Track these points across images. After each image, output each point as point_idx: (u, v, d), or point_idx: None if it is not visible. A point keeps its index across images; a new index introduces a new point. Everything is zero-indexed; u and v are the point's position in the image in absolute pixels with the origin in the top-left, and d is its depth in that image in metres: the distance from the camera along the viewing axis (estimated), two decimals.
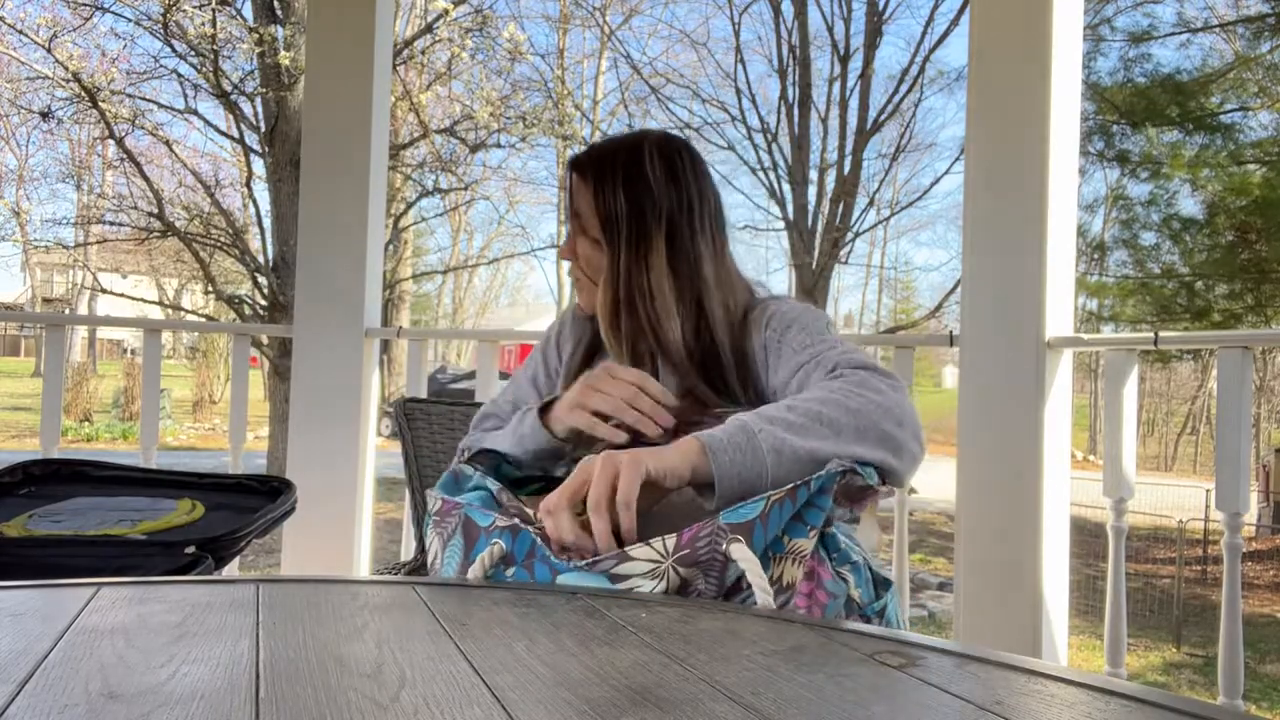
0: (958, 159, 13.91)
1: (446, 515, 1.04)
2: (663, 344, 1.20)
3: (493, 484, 1.07)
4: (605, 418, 1.08)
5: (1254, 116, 8.95)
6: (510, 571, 0.94)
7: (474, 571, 0.93)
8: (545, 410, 1.17)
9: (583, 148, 1.33)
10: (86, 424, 18.76)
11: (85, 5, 9.53)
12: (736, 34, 13.30)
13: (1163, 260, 8.99)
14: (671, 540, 0.88)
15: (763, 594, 0.86)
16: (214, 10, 8.51)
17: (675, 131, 1.46)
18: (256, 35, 8.63)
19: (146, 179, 9.55)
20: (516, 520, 0.97)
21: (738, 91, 13.24)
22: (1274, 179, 8.23)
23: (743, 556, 0.86)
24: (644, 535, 0.91)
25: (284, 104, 8.63)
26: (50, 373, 2.64)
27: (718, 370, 1.19)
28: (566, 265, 1.32)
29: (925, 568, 10.23)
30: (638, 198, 1.22)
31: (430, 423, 1.68)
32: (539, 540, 0.93)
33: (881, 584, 0.99)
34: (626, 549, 0.89)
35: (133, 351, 27.94)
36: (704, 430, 0.97)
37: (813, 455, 0.96)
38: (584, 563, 0.90)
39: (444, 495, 1.07)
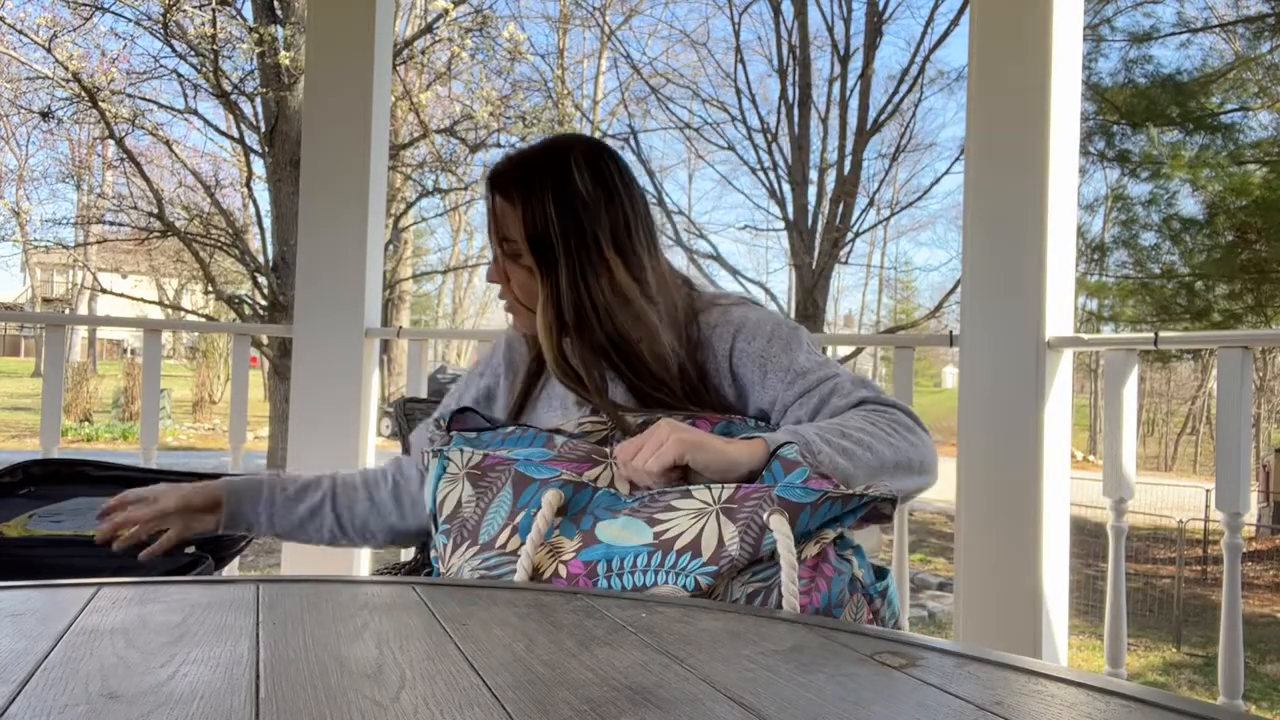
0: (958, 159, 13.91)
1: (488, 470, 1.04)
2: (631, 359, 1.15)
3: (559, 436, 1.08)
4: None
5: (1254, 116, 8.95)
6: (558, 521, 0.98)
7: (540, 517, 0.96)
8: None
9: (499, 160, 1.24)
10: (86, 424, 18.76)
11: (85, 5, 9.53)
12: (736, 34, 13.30)
13: (1163, 260, 8.99)
14: (729, 491, 0.94)
15: (789, 568, 0.89)
16: (214, 10, 8.51)
17: (601, 137, 1.44)
18: (256, 35, 8.63)
19: (146, 179, 9.55)
20: (583, 472, 1.01)
21: (738, 91, 13.25)
22: (1274, 179, 8.23)
23: (780, 529, 0.90)
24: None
25: (284, 104, 8.63)
26: (50, 373, 2.64)
27: (674, 376, 1.17)
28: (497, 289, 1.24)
29: (925, 568, 10.23)
30: (573, 213, 1.15)
31: None
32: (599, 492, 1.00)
33: (880, 572, 1.03)
34: (689, 487, 0.96)
35: (133, 351, 27.94)
36: (769, 433, 1.03)
37: (856, 481, 1.01)
38: (634, 499, 0.97)
39: (488, 450, 1.06)
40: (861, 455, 1.03)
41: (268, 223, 9.47)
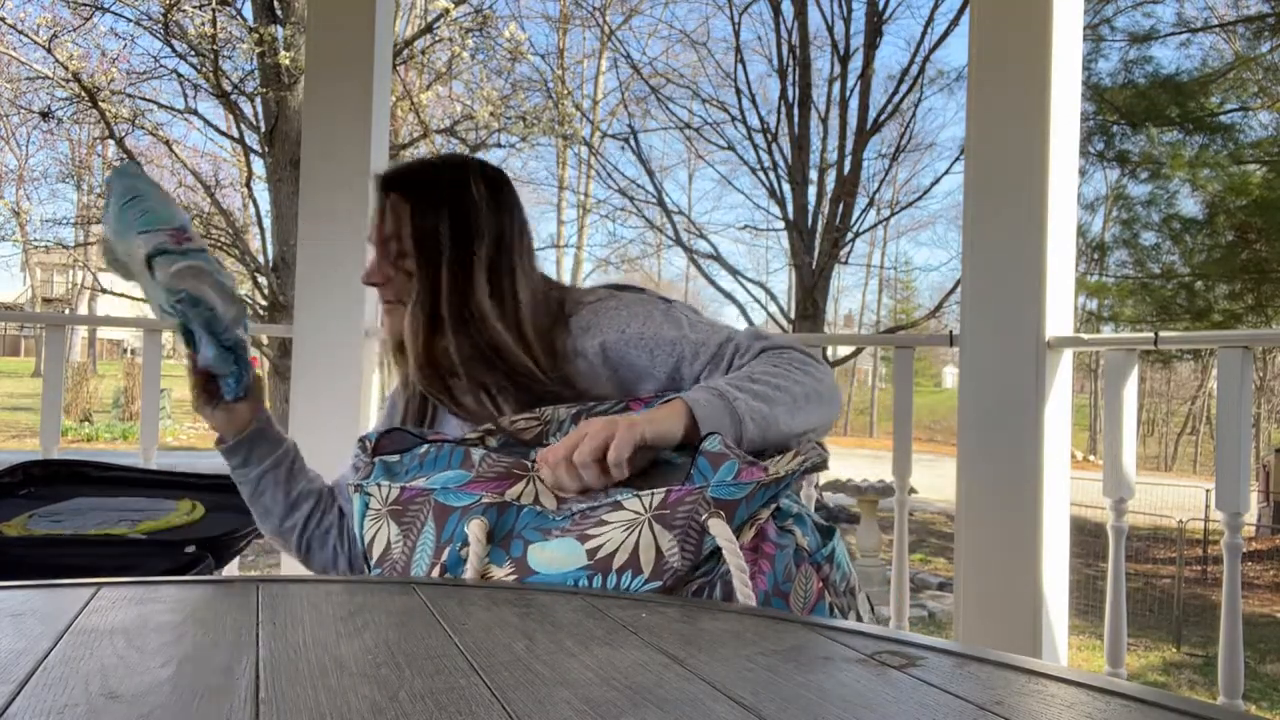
0: (958, 159, 13.91)
1: (409, 504, 1.00)
2: (510, 362, 1.16)
3: (475, 451, 1.03)
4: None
5: (1254, 116, 8.95)
6: (488, 549, 0.94)
7: (472, 544, 0.93)
8: None
9: (392, 165, 1.27)
10: (86, 424, 18.76)
11: (85, 5, 9.53)
12: (736, 34, 13.29)
13: (1163, 260, 8.99)
14: (659, 496, 0.91)
15: (739, 571, 0.88)
16: (214, 10, 8.52)
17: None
18: (256, 35, 8.64)
19: None
20: (503, 491, 0.96)
21: (738, 91, 13.24)
22: (1274, 179, 8.23)
23: (720, 533, 0.88)
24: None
25: (284, 104, 8.63)
26: (50, 373, 2.64)
27: (551, 381, 1.17)
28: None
29: (925, 568, 10.23)
30: (464, 219, 1.18)
31: None
32: (522, 511, 0.95)
33: (825, 532, 1.02)
34: (619, 498, 0.92)
35: (133, 351, 27.94)
36: (685, 394, 1.03)
37: (777, 422, 1.04)
38: (563, 516, 0.93)
39: (401, 483, 1.02)
40: (776, 396, 1.05)
41: (268, 223, 9.48)
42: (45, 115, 9.80)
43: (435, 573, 0.96)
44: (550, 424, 1.09)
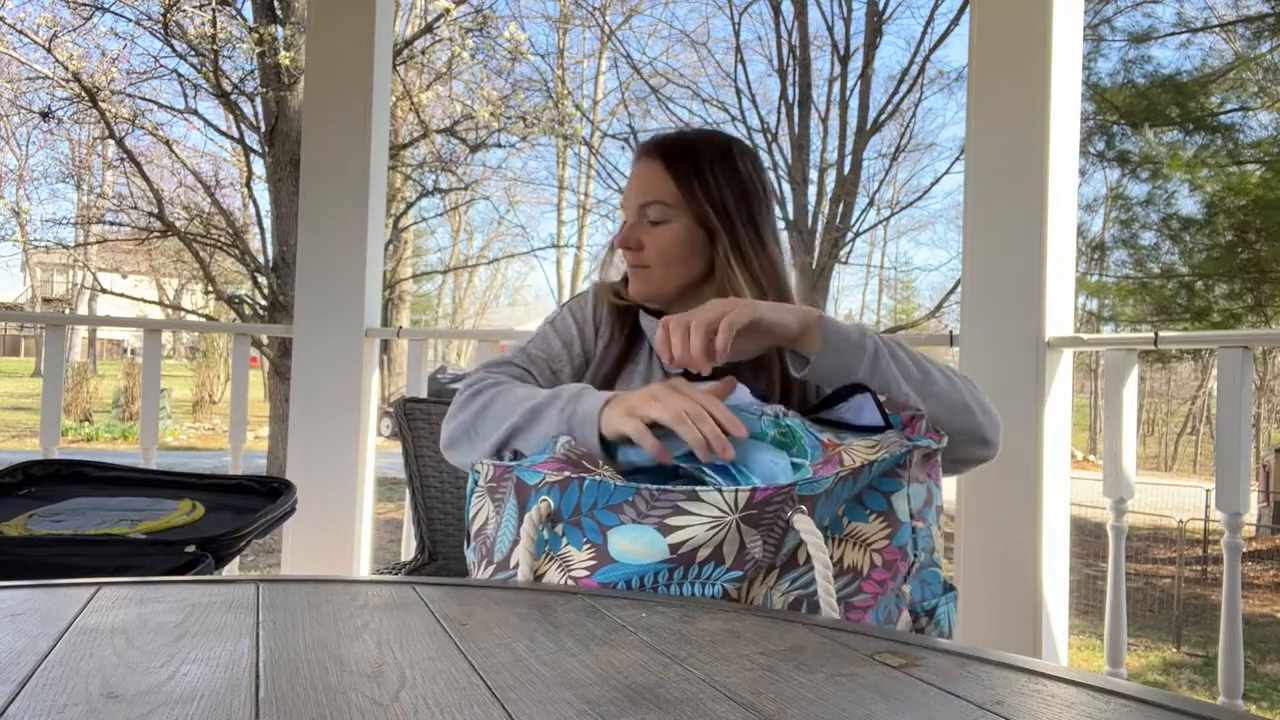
0: (958, 159, 13.91)
1: (501, 480, 1.03)
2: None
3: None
4: (660, 432, 0.98)
5: (1254, 116, 8.95)
6: (559, 527, 0.93)
7: (524, 530, 0.93)
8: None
9: (653, 135, 1.32)
10: (86, 424, 18.76)
11: (85, 5, 9.53)
12: (736, 34, 13.29)
13: (1162, 260, 8.98)
14: (744, 496, 0.87)
15: (823, 567, 0.86)
16: (214, 10, 8.51)
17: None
18: (256, 35, 8.63)
19: (146, 179, 9.55)
20: (567, 472, 0.94)
21: (738, 91, 13.24)
22: (1273, 179, 8.23)
23: (805, 528, 0.87)
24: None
25: (284, 104, 8.63)
26: (50, 373, 2.64)
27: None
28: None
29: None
30: (741, 187, 1.24)
31: (430, 423, 1.67)
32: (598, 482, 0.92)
33: (944, 586, 1.01)
34: (696, 489, 0.88)
35: (133, 351, 27.94)
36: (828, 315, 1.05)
37: (897, 387, 1.05)
38: (630, 488, 0.90)
39: (494, 461, 1.05)
40: (910, 370, 1.07)
41: (268, 223, 9.47)
42: (45, 115, 9.80)
43: (508, 546, 0.97)
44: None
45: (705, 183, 1.22)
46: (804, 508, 0.87)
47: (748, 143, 1.32)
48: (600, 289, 1.33)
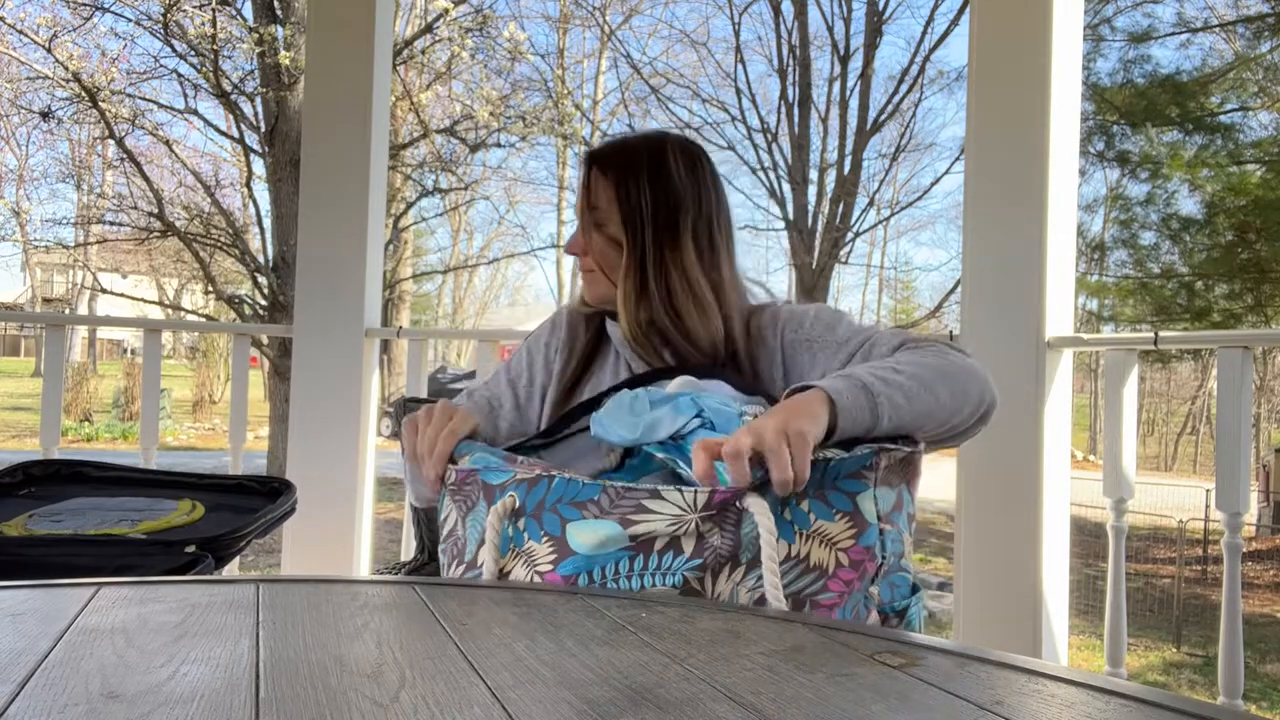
0: (958, 159, 13.91)
1: (464, 485, 1.04)
2: (692, 339, 1.21)
3: (497, 454, 1.05)
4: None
5: (1254, 116, 8.95)
6: (521, 522, 0.95)
7: (489, 525, 0.95)
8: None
9: (600, 142, 1.34)
10: (86, 424, 18.76)
11: (85, 5, 9.53)
12: (736, 34, 13.30)
13: (1162, 260, 8.98)
14: (704, 497, 0.89)
15: (769, 549, 0.86)
16: (214, 10, 8.51)
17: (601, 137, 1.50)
18: (256, 35, 8.63)
19: (146, 179, 9.55)
20: (539, 470, 0.97)
21: (738, 91, 13.25)
22: (1273, 179, 8.23)
23: (758, 508, 0.87)
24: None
25: (284, 104, 8.63)
26: (50, 373, 2.64)
27: (736, 368, 1.22)
28: (572, 260, 1.34)
29: (925, 568, 10.22)
30: (665, 194, 1.23)
31: None
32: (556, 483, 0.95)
33: (910, 589, 1.00)
34: (659, 487, 0.91)
35: (133, 351, 27.94)
36: (823, 383, 0.98)
37: (918, 421, 1.02)
38: (595, 485, 0.93)
39: (456, 468, 1.06)
40: (918, 393, 1.02)
41: (268, 223, 9.47)
42: (45, 115, 9.80)
43: (475, 546, 0.99)
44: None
45: (627, 189, 1.23)
46: (757, 494, 0.88)
47: (694, 144, 1.31)
48: (572, 307, 1.37)
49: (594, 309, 1.33)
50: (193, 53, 9.14)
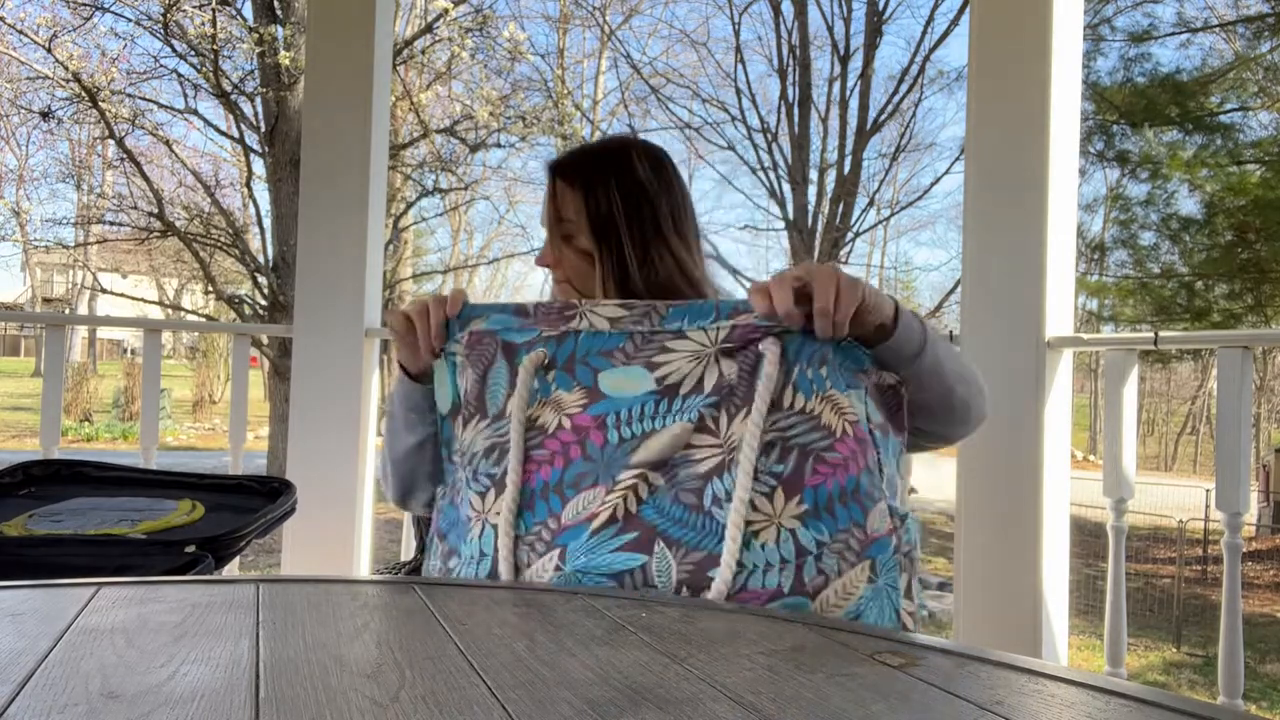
0: (958, 159, 13.92)
1: (478, 345, 1.06)
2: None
3: (524, 302, 1.08)
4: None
5: (1254, 116, 8.95)
6: (551, 375, 1.00)
7: (520, 379, 0.99)
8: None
9: (561, 153, 1.33)
10: (86, 424, 18.76)
11: (85, 5, 9.53)
12: (736, 34, 13.31)
13: (1162, 260, 8.98)
14: (724, 332, 0.97)
15: (765, 384, 0.92)
16: (214, 10, 8.51)
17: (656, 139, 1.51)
18: (256, 35, 8.64)
19: (146, 179, 9.55)
20: (564, 327, 1.02)
21: (738, 91, 13.26)
22: (1272, 179, 8.23)
23: (770, 352, 0.94)
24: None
25: (284, 104, 8.63)
26: (50, 373, 2.64)
27: None
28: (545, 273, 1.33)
29: (925, 568, 10.23)
30: (634, 198, 1.23)
31: None
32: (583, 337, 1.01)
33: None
34: (683, 328, 0.98)
35: (133, 351, 27.95)
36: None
37: (941, 380, 1.06)
38: (621, 335, 0.99)
39: (468, 329, 1.08)
40: (946, 350, 1.07)
41: (268, 223, 9.48)
42: (45, 115, 9.80)
43: (502, 397, 1.02)
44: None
45: (595, 199, 1.23)
46: (774, 339, 0.95)
47: (655, 145, 1.30)
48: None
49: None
50: (193, 53, 9.15)
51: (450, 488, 1.10)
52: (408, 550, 2.49)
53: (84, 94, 9.07)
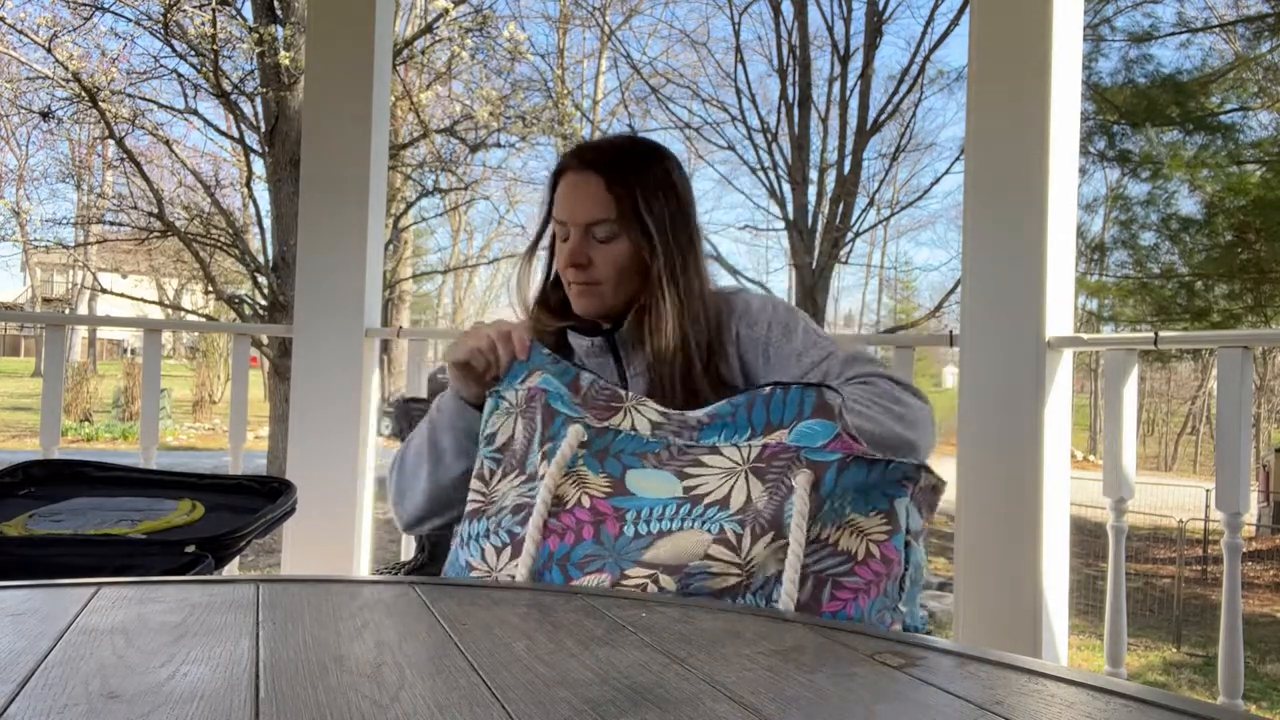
0: (958, 159, 13.91)
1: (530, 402, 1.07)
2: (694, 341, 1.21)
3: (585, 376, 1.08)
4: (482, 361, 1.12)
5: (1254, 116, 8.95)
6: (581, 453, 1.01)
7: (560, 454, 0.99)
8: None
9: (592, 148, 1.28)
10: (86, 424, 18.76)
11: (85, 5, 9.53)
12: (736, 34, 13.29)
13: (1162, 260, 8.98)
14: (756, 450, 0.96)
15: (798, 530, 0.90)
16: (214, 10, 8.51)
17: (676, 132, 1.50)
18: (256, 35, 8.63)
19: (146, 179, 9.55)
20: (605, 424, 1.02)
21: (738, 91, 13.24)
22: (1272, 179, 8.22)
23: (800, 484, 0.92)
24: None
25: (284, 104, 8.63)
26: (50, 373, 2.64)
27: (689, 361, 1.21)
28: (537, 265, 1.30)
29: (925, 568, 10.21)
30: (678, 202, 1.23)
31: None
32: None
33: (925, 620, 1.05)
34: (717, 444, 0.98)
35: (133, 351, 27.94)
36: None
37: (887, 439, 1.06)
38: (658, 441, 0.99)
39: (525, 385, 1.08)
40: (868, 417, 1.06)
41: (268, 223, 9.47)
42: (45, 115, 9.80)
43: (538, 460, 1.03)
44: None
45: (647, 197, 1.20)
46: (810, 472, 0.93)
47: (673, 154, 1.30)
48: (531, 323, 1.31)
49: (551, 326, 1.28)
50: (193, 53, 9.14)
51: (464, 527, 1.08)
52: (408, 550, 2.49)
53: (84, 94, 9.07)
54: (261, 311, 9.18)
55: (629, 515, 0.95)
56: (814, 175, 12.98)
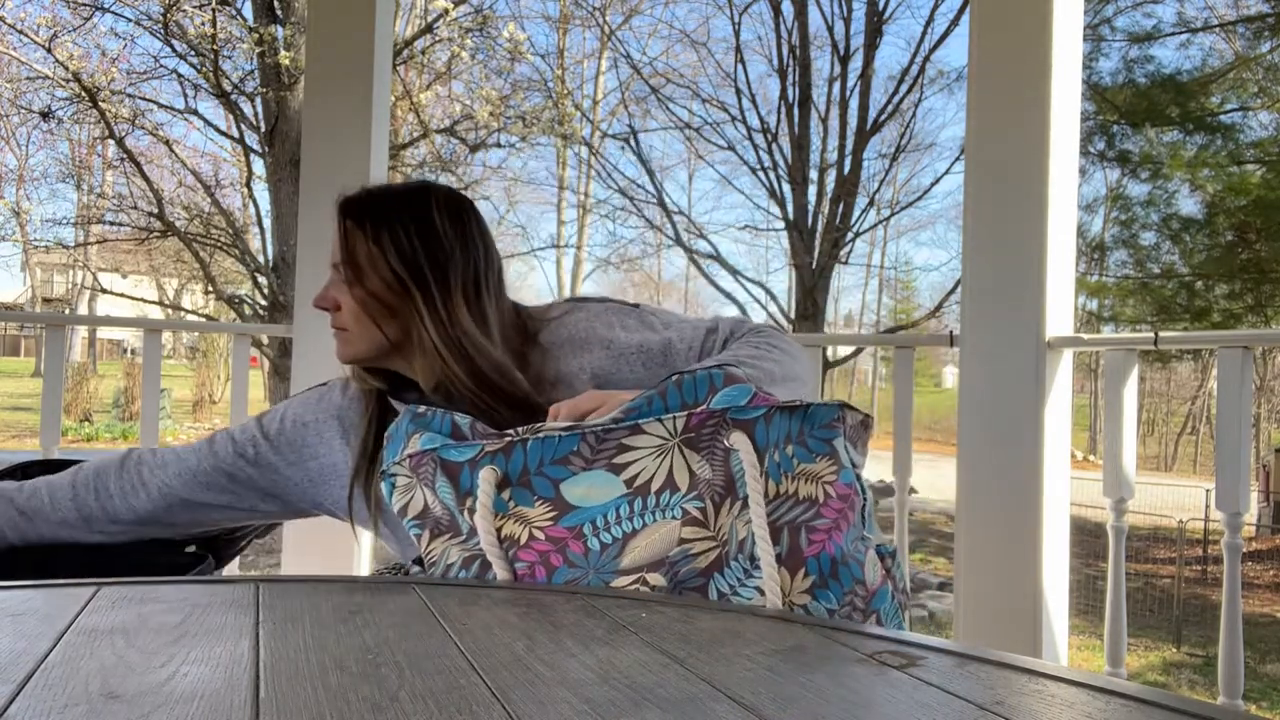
0: (958, 159, 13.92)
1: (419, 467, 0.99)
2: (512, 385, 1.15)
3: (460, 418, 1.00)
4: None
5: (1254, 116, 8.95)
6: (507, 492, 0.94)
7: (480, 500, 0.93)
8: None
9: (355, 191, 1.29)
10: (86, 424, 18.76)
11: (85, 5, 9.53)
12: (736, 34, 13.30)
13: (1162, 260, 8.99)
14: (681, 421, 0.93)
15: (754, 483, 0.90)
16: (214, 10, 8.52)
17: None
18: (256, 35, 8.64)
19: (146, 179, 9.56)
20: (509, 437, 0.95)
21: (738, 91, 13.25)
22: (1273, 179, 8.23)
23: (742, 446, 0.91)
24: None
25: (284, 104, 8.63)
26: (50, 373, 2.64)
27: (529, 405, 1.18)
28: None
29: (925, 568, 10.22)
30: (430, 249, 1.17)
31: None
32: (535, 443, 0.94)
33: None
34: (639, 422, 0.93)
35: (133, 351, 27.95)
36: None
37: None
38: (574, 436, 0.93)
39: (406, 453, 1.00)
40: (761, 375, 1.10)
41: (268, 223, 9.48)
42: (45, 115, 9.81)
43: (467, 519, 0.95)
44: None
45: (396, 241, 1.17)
46: (740, 432, 0.92)
47: (459, 194, 1.25)
48: (352, 376, 1.32)
49: (368, 384, 1.27)
50: (193, 53, 9.15)
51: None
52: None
53: (84, 94, 9.08)
54: (261, 311, 9.18)
55: (586, 529, 0.92)
56: (814, 175, 13.00)
